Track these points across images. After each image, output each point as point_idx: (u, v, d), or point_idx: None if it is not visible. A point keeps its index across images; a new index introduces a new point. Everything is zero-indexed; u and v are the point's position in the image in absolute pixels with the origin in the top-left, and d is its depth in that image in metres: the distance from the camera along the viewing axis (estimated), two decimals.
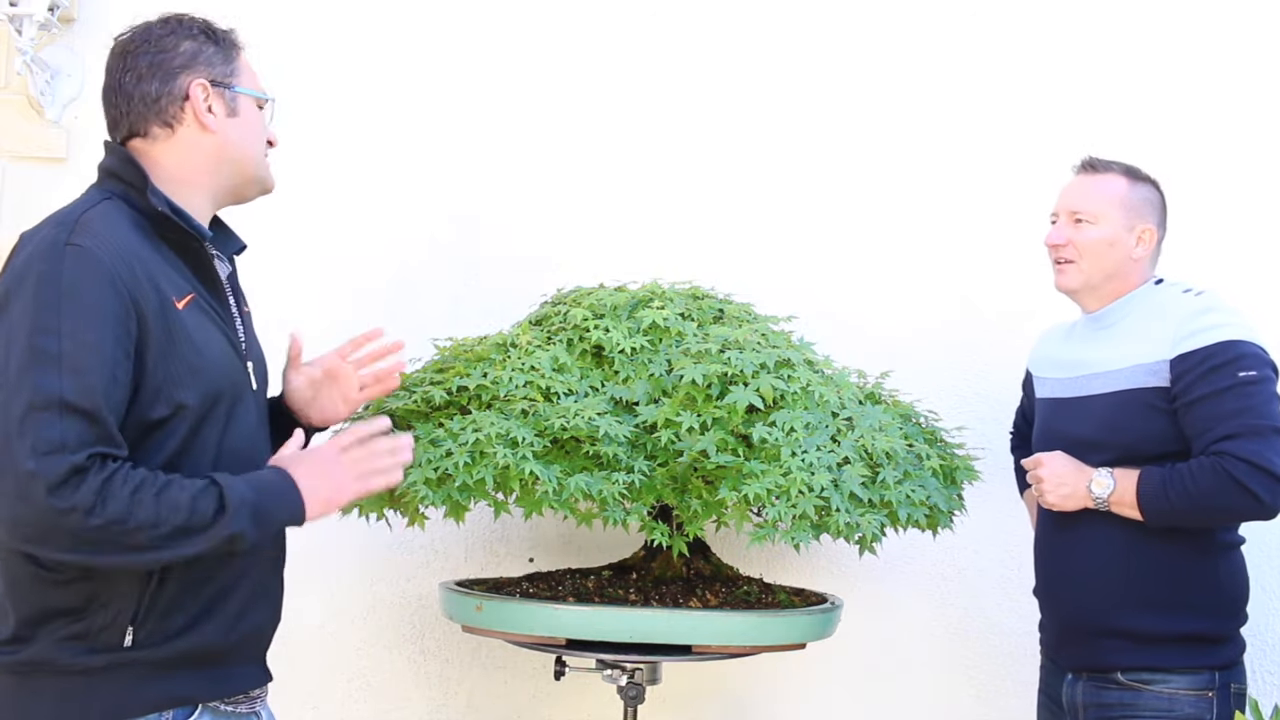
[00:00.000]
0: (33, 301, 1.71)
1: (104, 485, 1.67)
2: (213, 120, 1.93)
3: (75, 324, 1.70)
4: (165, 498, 1.71)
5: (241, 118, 1.97)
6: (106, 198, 1.86)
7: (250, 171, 2.00)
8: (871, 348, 2.98)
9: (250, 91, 1.98)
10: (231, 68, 1.97)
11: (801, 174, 3.19)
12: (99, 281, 1.73)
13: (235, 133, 1.96)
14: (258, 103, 2.00)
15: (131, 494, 1.69)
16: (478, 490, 2.26)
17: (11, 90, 3.17)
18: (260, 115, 2.01)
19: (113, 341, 1.72)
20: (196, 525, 1.73)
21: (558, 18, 3.24)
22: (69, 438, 1.67)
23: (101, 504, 1.67)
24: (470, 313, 3.11)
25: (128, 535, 1.69)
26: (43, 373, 1.68)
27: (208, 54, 1.94)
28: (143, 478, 1.72)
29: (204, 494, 1.75)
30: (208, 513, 1.74)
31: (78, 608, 1.76)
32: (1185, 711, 2.38)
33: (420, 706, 3.13)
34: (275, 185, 2.06)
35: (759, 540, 2.28)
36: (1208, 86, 3.10)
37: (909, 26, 3.19)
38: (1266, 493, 2.30)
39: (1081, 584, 2.46)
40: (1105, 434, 2.44)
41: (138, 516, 1.69)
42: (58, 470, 1.65)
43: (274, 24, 3.19)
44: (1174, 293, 2.49)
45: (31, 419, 1.66)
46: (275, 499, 1.83)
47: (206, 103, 1.93)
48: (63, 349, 1.69)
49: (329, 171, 3.19)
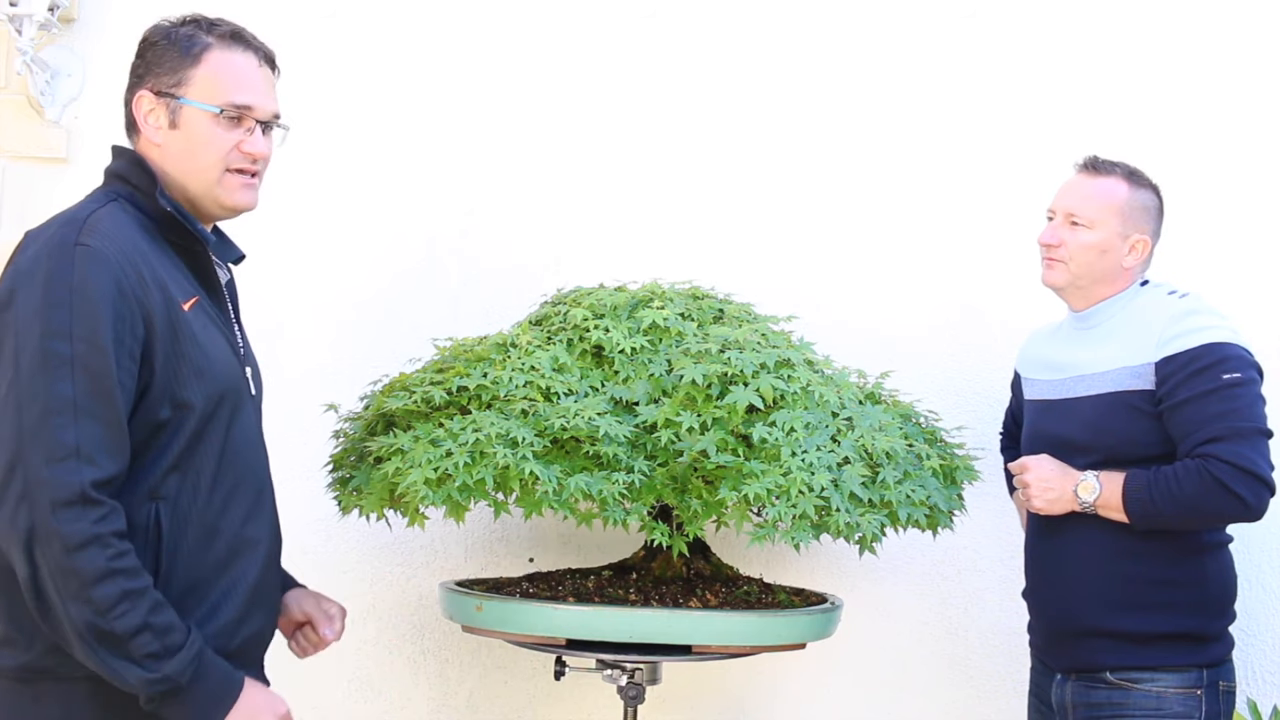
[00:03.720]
0: (42, 300, 1.71)
1: (96, 538, 1.66)
2: (156, 133, 1.89)
3: (86, 326, 1.70)
4: (131, 602, 1.68)
5: (182, 130, 1.88)
6: (113, 199, 1.86)
7: (194, 186, 1.90)
8: (871, 348, 2.98)
9: (197, 103, 1.87)
10: (181, 76, 1.87)
11: (801, 174, 3.19)
12: (107, 282, 1.73)
13: (176, 146, 1.88)
14: (211, 114, 1.88)
15: (110, 570, 1.67)
16: (478, 490, 2.26)
17: (11, 90, 3.17)
18: (214, 127, 1.88)
19: (120, 343, 1.72)
20: (131, 649, 1.69)
21: (557, 18, 3.24)
22: (83, 444, 1.66)
23: (83, 553, 1.65)
24: (470, 313, 3.11)
25: (75, 600, 1.66)
26: (56, 378, 1.68)
27: (166, 62, 1.88)
28: (131, 566, 1.69)
29: (163, 629, 1.71)
30: (145, 648, 1.69)
31: None
32: (1174, 710, 2.39)
33: (420, 706, 3.13)
34: (248, 203, 1.93)
35: (759, 540, 2.28)
36: (1205, 88, 3.10)
37: (909, 28, 3.19)
38: (1251, 495, 2.31)
39: (1069, 586, 2.47)
40: (1091, 436, 2.45)
41: (98, 593, 1.66)
42: (69, 487, 1.65)
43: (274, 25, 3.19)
44: (1159, 295, 2.49)
45: (46, 425, 1.67)
46: (210, 691, 1.76)
47: (149, 114, 1.89)
48: (75, 352, 1.69)
49: (329, 172, 3.19)
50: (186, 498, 1.81)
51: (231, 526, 1.87)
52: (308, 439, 2.85)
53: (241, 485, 1.89)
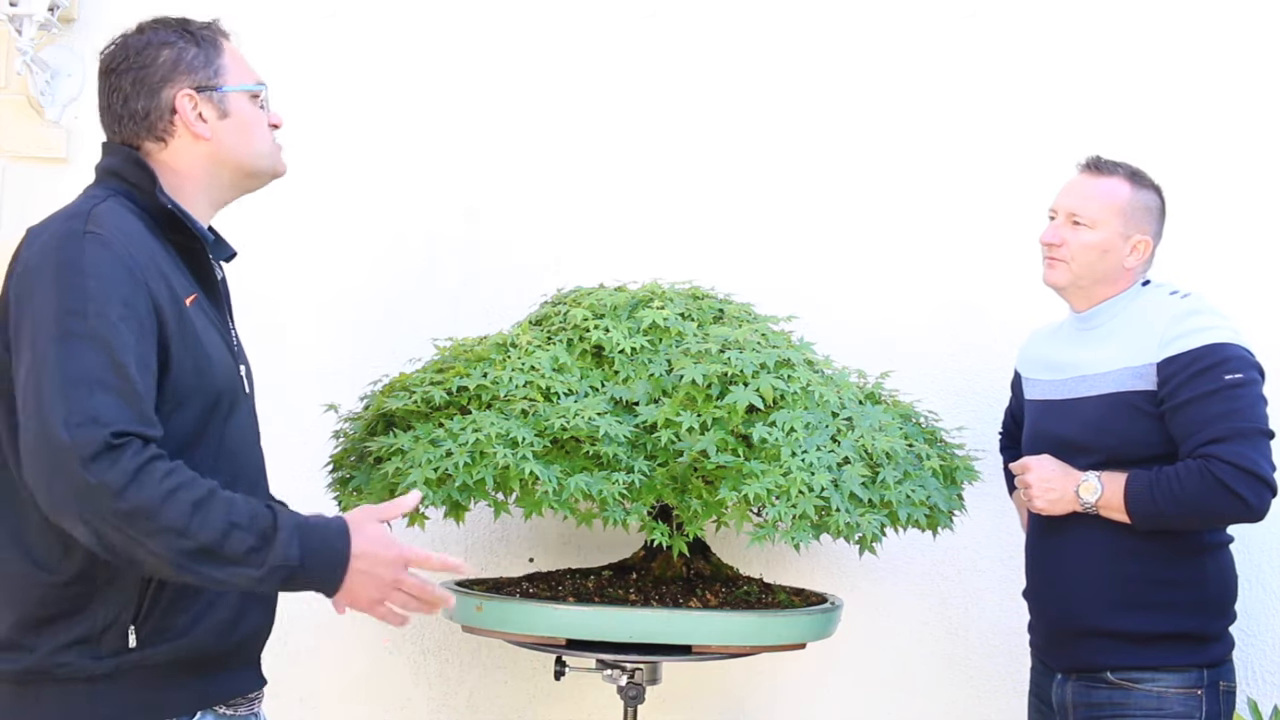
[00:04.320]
0: (55, 287, 1.70)
1: (139, 470, 1.61)
2: (205, 128, 1.89)
3: (101, 305, 1.68)
4: (205, 509, 1.64)
5: (234, 117, 1.91)
6: (110, 195, 1.85)
7: (255, 165, 1.95)
8: (871, 348, 2.98)
9: (240, 87, 1.92)
10: (215, 68, 1.90)
11: (802, 174, 3.18)
12: (119, 269, 1.72)
13: (231, 135, 1.91)
14: (250, 94, 1.94)
15: (169, 490, 1.62)
16: (478, 490, 2.26)
17: (11, 90, 3.17)
18: (255, 105, 1.94)
19: (136, 325, 1.70)
20: (227, 554, 1.64)
21: (557, 19, 3.24)
22: (102, 411, 1.62)
23: (135, 488, 1.60)
24: (470, 313, 3.11)
25: (152, 535, 1.62)
26: (74, 349, 1.66)
27: (189, 59, 1.89)
28: (188, 478, 1.65)
29: (249, 522, 1.66)
30: (241, 546, 1.65)
31: (76, 609, 1.75)
32: (1174, 710, 2.39)
33: (420, 706, 3.13)
34: (287, 168, 2.00)
35: (759, 540, 2.28)
36: (1205, 88, 3.10)
37: (909, 28, 3.19)
38: (1253, 495, 2.31)
39: (1070, 586, 2.47)
40: (1093, 437, 2.45)
41: (167, 516, 1.62)
42: (92, 442, 1.60)
43: (274, 25, 3.19)
44: (1160, 295, 2.49)
45: (64, 393, 1.63)
46: (324, 554, 1.71)
47: (195, 111, 1.88)
48: (91, 327, 1.67)
49: (329, 172, 3.19)
50: None
51: None
52: (308, 439, 2.85)
53: (237, 483, 1.88)
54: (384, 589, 1.75)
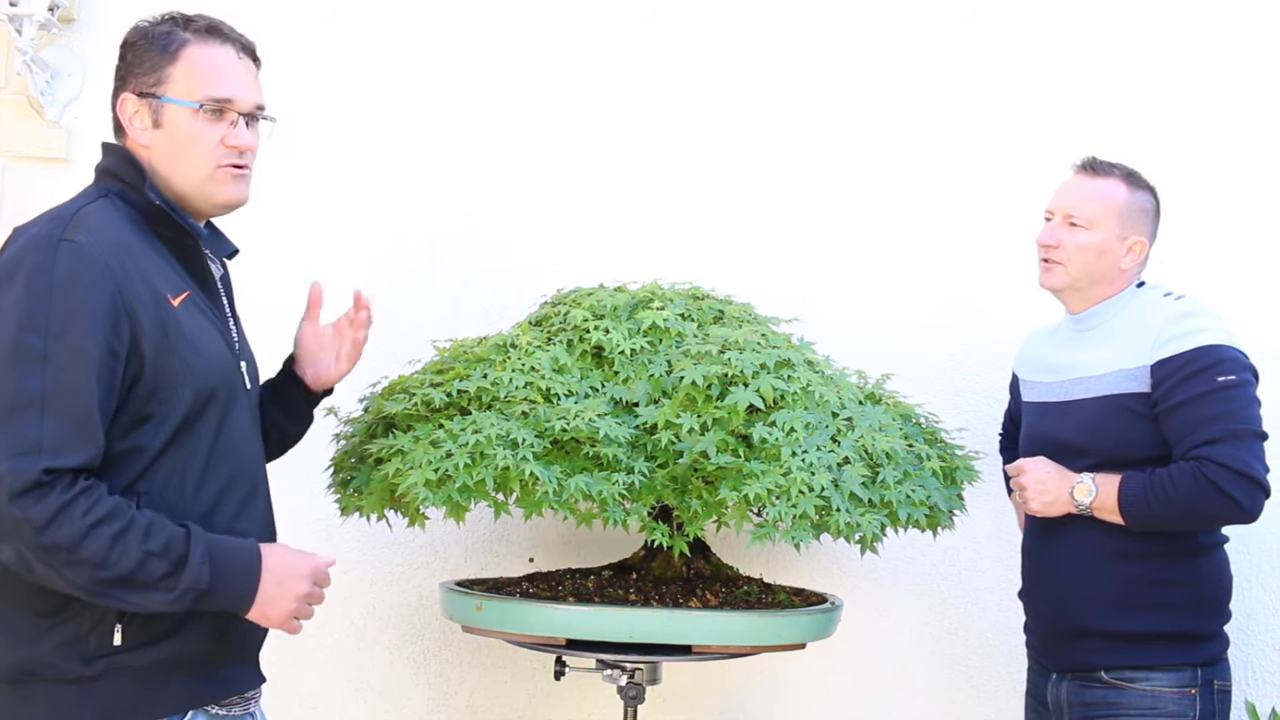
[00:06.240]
0: (23, 293, 1.71)
1: (62, 508, 1.66)
2: (143, 135, 1.89)
3: (64, 322, 1.69)
4: (123, 541, 1.69)
5: (167, 129, 1.87)
6: (103, 195, 1.86)
7: (187, 186, 1.89)
8: (871, 348, 2.98)
9: (177, 100, 1.87)
10: (159, 75, 1.87)
11: (802, 175, 3.19)
12: (91, 278, 1.72)
13: (162, 145, 1.88)
14: (192, 110, 1.87)
15: (90, 526, 1.67)
16: (478, 491, 2.26)
17: (11, 90, 3.17)
18: (200, 123, 1.87)
19: (101, 340, 1.71)
20: (142, 580, 1.71)
21: (557, 19, 3.24)
22: (46, 439, 1.66)
23: (55, 526, 1.66)
24: (470, 313, 3.11)
25: (70, 566, 1.68)
26: (26, 371, 1.68)
27: (145, 62, 1.88)
28: (110, 510, 1.69)
29: (164, 549, 1.72)
30: (155, 572, 1.71)
31: (62, 610, 1.75)
32: (1169, 709, 2.40)
33: (420, 706, 3.14)
34: (239, 197, 1.92)
35: (759, 540, 2.28)
36: (1205, 88, 3.10)
37: (909, 28, 3.19)
38: (1246, 497, 2.31)
39: (1066, 587, 2.48)
40: (1088, 439, 2.45)
41: (86, 550, 1.67)
42: (22, 477, 1.65)
43: (274, 25, 3.19)
44: (1155, 296, 2.50)
45: (10, 419, 1.66)
46: (234, 575, 1.79)
47: (133, 115, 1.89)
48: (48, 349, 1.68)
49: (329, 172, 3.19)
50: (174, 492, 1.80)
51: (223, 520, 1.86)
52: (307, 440, 2.83)
53: (234, 479, 1.89)
54: (298, 604, 1.85)
